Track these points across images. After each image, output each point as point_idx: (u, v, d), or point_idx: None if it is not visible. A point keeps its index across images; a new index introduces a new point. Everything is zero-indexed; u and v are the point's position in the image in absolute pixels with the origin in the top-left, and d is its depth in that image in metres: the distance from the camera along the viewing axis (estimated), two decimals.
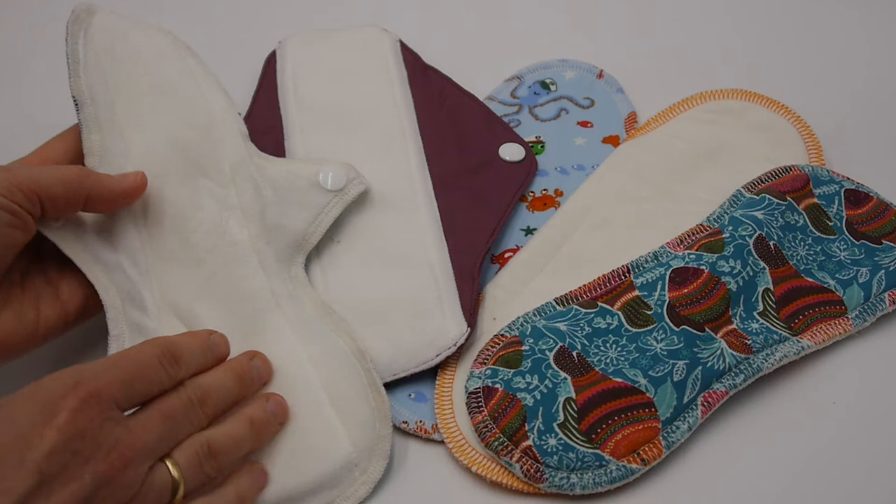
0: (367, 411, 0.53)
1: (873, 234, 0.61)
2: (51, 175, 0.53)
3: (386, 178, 0.64)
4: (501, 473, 0.52)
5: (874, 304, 0.59)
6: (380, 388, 0.54)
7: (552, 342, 0.55)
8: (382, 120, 0.68)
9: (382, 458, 0.52)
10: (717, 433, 0.55)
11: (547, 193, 0.66)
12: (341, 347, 0.55)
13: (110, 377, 0.46)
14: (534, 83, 0.72)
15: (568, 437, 0.52)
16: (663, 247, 0.60)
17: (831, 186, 0.63)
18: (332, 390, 0.53)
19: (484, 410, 0.53)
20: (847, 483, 0.53)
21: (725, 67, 0.76)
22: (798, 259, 0.60)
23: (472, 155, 0.66)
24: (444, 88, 0.71)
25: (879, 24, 0.79)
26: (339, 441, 0.52)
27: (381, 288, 0.59)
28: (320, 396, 0.53)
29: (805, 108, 0.69)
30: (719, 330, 0.56)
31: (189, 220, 0.58)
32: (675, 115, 0.69)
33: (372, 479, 0.51)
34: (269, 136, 0.68)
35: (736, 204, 0.61)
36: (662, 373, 0.54)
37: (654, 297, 0.57)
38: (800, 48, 0.78)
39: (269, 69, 0.73)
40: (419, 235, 0.61)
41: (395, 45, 0.73)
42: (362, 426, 0.52)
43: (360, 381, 0.54)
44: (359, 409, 0.53)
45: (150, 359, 0.48)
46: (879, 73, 0.75)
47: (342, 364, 0.54)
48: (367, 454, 0.52)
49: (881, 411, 0.56)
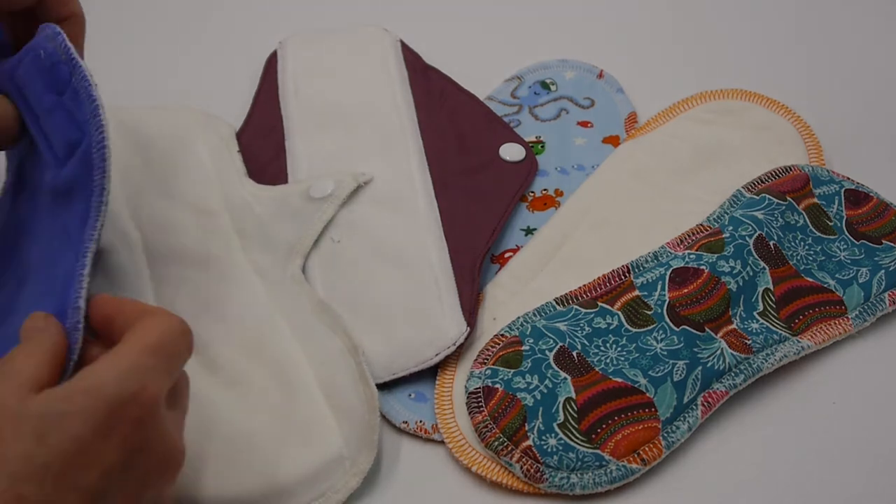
0: (358, 404, 0.53)
1: (873, 234, 0.62)
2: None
3: (386, 177, 0.64)
4: (501, 473, 0.52)
5: (874, 304, 0.59)
6: (368, 380, 0.54)
7: (552, 342, 0.55)
8: (383, 120, 0.68)
9: (371, 448, 0.52)
10: (717, 433, 0.55)
11: (547, 193, 0.66)
12: (337, 345, 0.55)
13: (162, 369, 0.42)
14: (534, 83, 0.72)
15: (568, 437, 0.52)
16: (663, 247, 0.60)
17: (831, 186, 0.63)
18: (328, 387, 0.54)
19: (484, 410, 0.53)
20: (847, 483, 0.53)
21: (725, 67, 0.76)
22: (798, 259, 0.60)
23: (473, 155, 0.67)
24: (445, 88, 0.71)
25: (880, 24, 0.79)
26: (331, 436, 0.52)
27: (380, 287, 0.59)
28: (316, 394, 0.53)
29: (805, 108, 0.69)
30: (719, 330, 0.56)
31: (185, 229, 0.59)
32: (675, 115, 0.69)
33: (362, 469, 0.52)
34: (271, 136, 0.68)
35: (736, 204, 0.62)
36: (662, 373, 0.54)
37: (655, 297, 0.57)
38: (800, 48, 0.78)
39: (270, 69, 0.73)
40: (419, 235, 0.61)
41: (396, 45, 0.73)
42: (353, 420, 0.53)
43: (352, 375, 0.54)
44: (350, 403, 0.53)
45: (181, 341, 0.44)
46: (880, 74, 0.75)
47: (338, 361, 0.55)
48: (357, 446, 0.52)
49: (881, 411, 0.56)
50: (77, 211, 0.47)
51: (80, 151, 0.47)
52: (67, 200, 0.48)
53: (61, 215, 0.49)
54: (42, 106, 0.49)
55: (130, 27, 0.80)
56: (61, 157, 0.48)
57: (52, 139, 0.49)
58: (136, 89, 0.67)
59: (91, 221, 0.47)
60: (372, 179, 0.64)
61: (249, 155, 0.67)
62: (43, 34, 0.50)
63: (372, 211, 0.62)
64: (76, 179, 0.47)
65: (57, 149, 0.48)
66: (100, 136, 0.46)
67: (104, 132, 0.46)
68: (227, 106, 0.72)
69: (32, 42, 0.50)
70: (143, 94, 0.67)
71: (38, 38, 0.50)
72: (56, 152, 0.48)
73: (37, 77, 0.49)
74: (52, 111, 0.48)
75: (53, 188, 0.49)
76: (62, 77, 0.48)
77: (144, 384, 0.41)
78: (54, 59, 0.49)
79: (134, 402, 0.40)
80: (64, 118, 0.48)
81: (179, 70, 0.76)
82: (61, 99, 0.48)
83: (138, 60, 0.77)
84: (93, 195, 0.46)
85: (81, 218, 0.47)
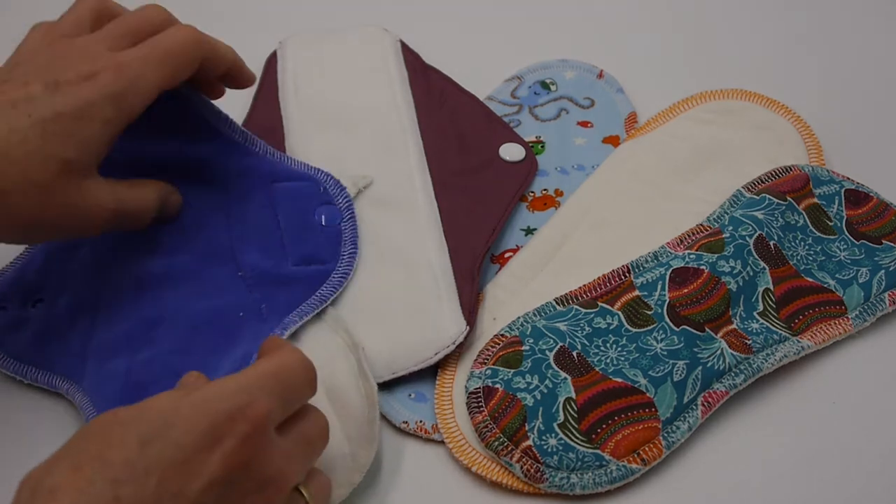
0: (358, 399, 0.53)
1: (873, 234, 0.62)
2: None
3: (386, 177, 0.64)
4: (501, 473, 0.52)
5: (874, 304, 0.59)
6: (368, 375, 0.54)
7: (552, 342, 0.55)
8: (383, 120, 0.68)
9: (371, 442, 0.52)
10: (717, 433, 0.55)
11: (547, 193, 0.66)
12: (338, 343, 0.56)
13: (276, 393, 0.42)
14: (534, 83, 0.72)
15: (568, 437, 0.52)
16: (663, 247, 0.60)
17: (831, 186, 0.63)
18: (330, 385, 0.54)
19: (484, 410, 0.53)
20: (847, 483, 0.53)
21: (725, 67, 0.76)
22: (798, 259, 0.60)
23: (473, 155, 0.67)
24: (445, 88, 0.71)
25: (880, 24, 0.79)
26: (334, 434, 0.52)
27: (380, 287, 0.59)
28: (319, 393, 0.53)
29: (805, 108, 0.69)
30: (719, 330, 0.56)
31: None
32: (675, 115, 0.69)
33: (363, 464, 0.51)
34: (271, 136, 0.68)
35: (736, 204, 0.62)
36: (662, 373, 0.54)
37: (655, 297, 0.57)
38: (800, 48, 0.78)
39: (270, 69, 0.73)
40: (419, 235, 0.61)
41: (396, 45, 0.73)
42: (354, 417, 0.53)
43: (353, 372, 0.54)
44: (351, 400, 0.53)
45: (301, 374, 0.45)
46: (880, 74, 0.75)
47: (339, 359, 0.55)
48: (358, 441, 0.52)
49: (881, 411, 0.56)
50: (286, 301, 0.56)
51: (318, 270, 0.57)
52: (276, 287, 0.57)
53: (257, 290, 0.56)
54: (295, 220, 0.59)
55: None
56: (291, 258, 0.58)
57: (287, 239, 0.58)
58: None
59: (296, 316, 0.55)
60: (372, 182, 0.63)
61: None
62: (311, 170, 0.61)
63: (372, 211, 0.62)
64: (303, 280, 0.57)
65: (289, 249, 0.58)
66: (348, 268, 0.58)
67: (352, 267, 0.58)
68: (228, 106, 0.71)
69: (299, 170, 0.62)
70: None
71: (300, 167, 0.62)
72: (286, 249, 0.58)
73: (305, 199, 0.60)
74: (308, 229, 0.59)
75: (258, 272, 0.57)
76: (331, 215, 0.60)
77: (253, 401, 0.41)
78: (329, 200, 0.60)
79: (241, 417, 0.40)
80: (321, 241, 0.58)
81: None
82: (324, 228, 0.59)
83: None
84: (315, 302, 0.56)
85: (289, 306, 0.56)
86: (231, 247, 0.58)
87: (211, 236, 0.59)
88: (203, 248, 0.58)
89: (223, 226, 0.59)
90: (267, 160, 0.61)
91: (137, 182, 0.56)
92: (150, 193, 0.56)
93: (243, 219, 0.59)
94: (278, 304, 0.56)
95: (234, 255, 0.58)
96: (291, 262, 0.58)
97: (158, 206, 0.57)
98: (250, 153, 0.61)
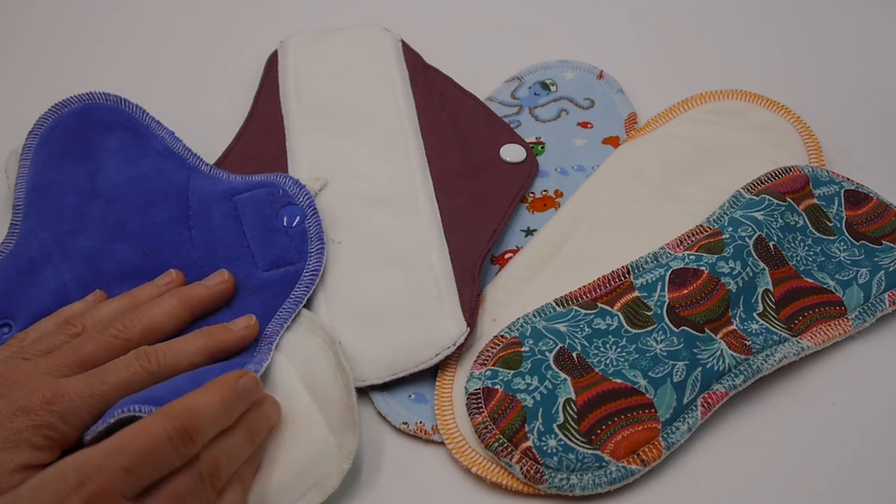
0: (337, 390, 0.54)
1: (873, 234, 0.62)
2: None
3: (387, 178, 0.64)
4: (501, 474, 0.52)
5: (874, 305, 0.59)
6: (344, 365, 0.54)
7: (552, 343, 0.55)
8: (384, 120, 0.68)
9: (353, 428, 0.52)
10: (717, 434, 0.55)
11: (547, 194, 0.66)
12: (317, 342, 0.56)
13: (116, 467, 0.42)
14: (534, 84, 0.73)
15: (568, 439, 0.52)
16: (663, 248, 0.60)
17: (831, 187, 0.63)
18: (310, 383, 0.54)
19: (484, 411, 0.53)
20: (847, 483, 0.53)
21: (725, 67, 0.76)
22: (798, 260, 0.60)
23: (473, 155, 0.67)
24: (446, 89, 0.71)
25: (879, 25, 0.79)
26: (318, 427, 0.52)
27: (381, 288, 0.59)
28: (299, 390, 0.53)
29: (805, 108, 0.69)
30: (719, 331, 0.56)
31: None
32: (675, 115, 0.69)
33: (349, 451, 0.52)
34: (271, 136, 0.68)
35: (736, 205, 0.62)
36: (662, 374, 0.54)
37: (654, 298, 0.57)
38: (799, 48, 0.78)
39: (271, 69, 0.73)
40: (419, 236, 0.61)
41: (397, 44, 0.73)
42: (335, 407, 0.53)
43: (330, 366, 0.55)
44: (331, 393, 0.54)
45: (160, 440, 0.44)
46: (879, 73, 0.75)
47: (318, 358, 0.55)
48: (341, 429, 0.52)
49: (881, 411, 0.56)
50: (262, 307, 0.57)
51: (289, 271, 0.58)
52: (250, 295, 0.58)
53: (233, 302, 0.58)
54: (259, 226, 0.60)
55: (131, 27, 0.80)
56: (261, 263, 0.59)
57: (254, 246, 0.59)
58: (136, 89, 0.67)
59: (276, 325, 0.56)
60: (327, 183, 0.64)
61: (250, 155, 0.67)
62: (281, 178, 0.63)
63: (372, 211, 0.62)
64: (275, 285, 0.58)
65: (258, 256, 0.59)
66: (317, 265, 0.59)
67: (321, 265, 0.59)
68: (228, 106, 0.72)
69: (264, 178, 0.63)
70: (144, 93, 0.67)
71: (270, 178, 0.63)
72: (255, 257, 0.59)
73: (267, 204, 0.61)
74: (273, 232, 0.60)
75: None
76: (294, 215, 0.61)
77: (85, 480, 0.42)
78: (290, 202, 0.61)
79: (76, 497, 0.41)
80: (287, 242, 0.59)
81: (180, 70, 0.77)
82: (289, 229, 0.60)
83: (139, 60, 0.77)
84: (291, 305, 0.57)
85: (266, 311, 0.57)
86: (201, 267, 0.59)
87: (180, 263, 0.59)
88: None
89: (187, 248, 0.60)
90: (223, 181, 0.63)
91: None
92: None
93: (208, 238, 0.60)
94: (255, 311, 0.57)
95: (204, 276, 0.58)
96: (262, 268, 0.58)
97: None
98: (206, 177, 0.63)
